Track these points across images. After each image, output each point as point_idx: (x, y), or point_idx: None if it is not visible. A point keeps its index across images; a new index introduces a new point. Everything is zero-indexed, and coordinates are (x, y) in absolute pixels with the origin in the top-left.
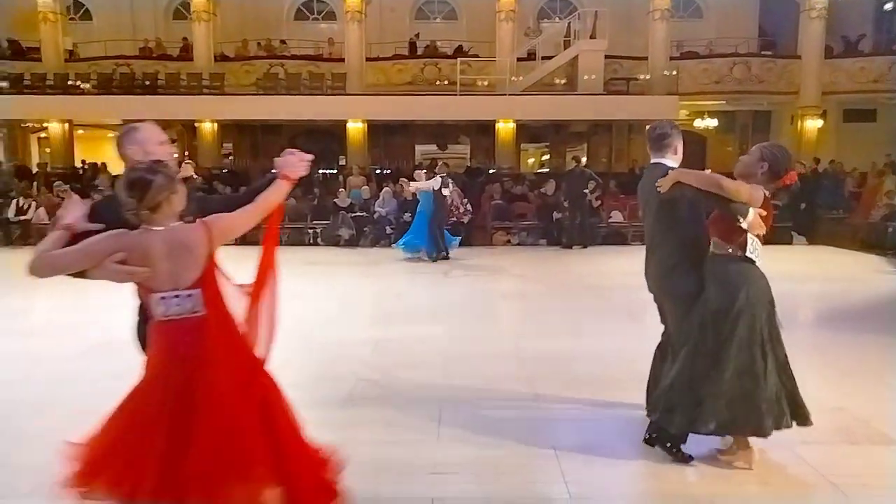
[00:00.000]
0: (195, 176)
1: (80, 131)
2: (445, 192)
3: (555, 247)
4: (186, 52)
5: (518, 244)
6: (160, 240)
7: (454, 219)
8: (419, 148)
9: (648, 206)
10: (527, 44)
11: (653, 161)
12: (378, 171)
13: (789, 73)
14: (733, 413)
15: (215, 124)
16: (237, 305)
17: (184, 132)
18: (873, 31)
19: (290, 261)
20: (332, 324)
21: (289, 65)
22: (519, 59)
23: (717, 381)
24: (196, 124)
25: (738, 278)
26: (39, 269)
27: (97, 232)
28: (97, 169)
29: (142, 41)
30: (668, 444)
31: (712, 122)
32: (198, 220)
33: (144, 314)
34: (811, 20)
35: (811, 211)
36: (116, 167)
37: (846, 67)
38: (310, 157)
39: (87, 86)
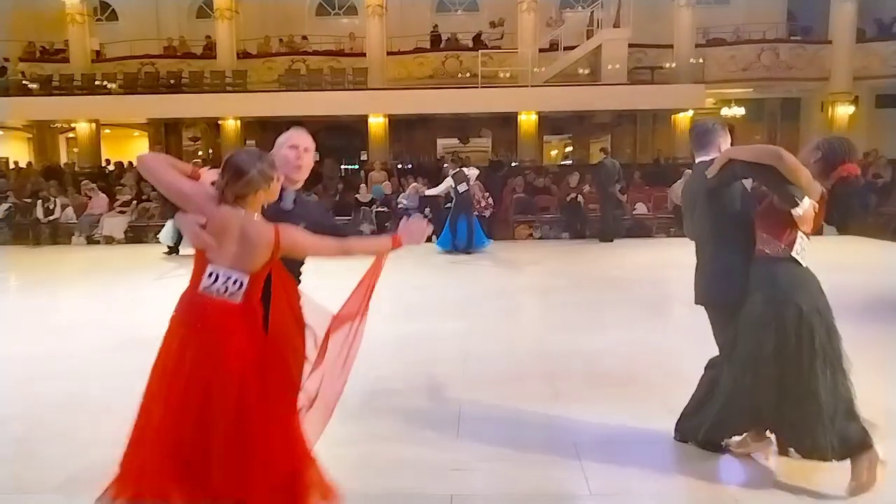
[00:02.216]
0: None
1: (107, 131)
2: (461, 188)
3: (578, 240)
4: (210, 50)
5: (541, 238)
6: (237, 222)
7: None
8: (441, 142)
9: (696, 207)
10: (549, 34)
11: (698, 160)
12: (399, 166)
13: (819, 59)
14: (783, 429)
15: (238, 121)
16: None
17: (207, 130)
18: None
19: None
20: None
21: (310, 60)
22: (541, 50)
23: (762, 394)
24: (219, 122)
25: (786, 285)
26: (148, 164)
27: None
28: (123, 168)
29: (166, 40)
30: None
31: (740, 111)
32: (274, 225)
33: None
34: (843, 3)
35: (843, 201)
36: None
37: (880, 51)
38: (430, 228)
39: (114, 86)
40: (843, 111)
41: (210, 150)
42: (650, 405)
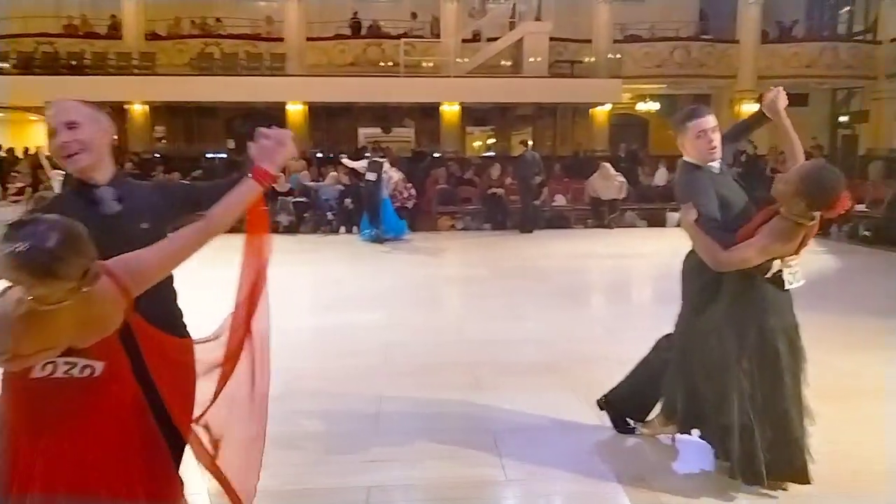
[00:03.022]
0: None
1: (0, 114)
2: (371, 176)
3: (499, 231)
4: (115, 30)
5: (463, 229)
6: (65, 317)
7: (398, 204)
8: (363, 131)
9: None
10: (472, 25)
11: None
12: (320, 156)
13: (728, 58)
14: (733, 442)
15: (147, 106)
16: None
17: (113, 115)
18: (805, 17)
19: (225, 248)
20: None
21: (225, 44)
22: (464, 41)
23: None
24: (126, 106)
25: (754, 304)
26: None
27: None
28: (16, 154)
29: (66, 18)
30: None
31: (654, 106)
32: (105, 275)
33: None
34: (748, 5)
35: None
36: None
37: (781, 52)
38: (289, 134)
39: (6, 65)
40: (749, 108)
41: (115, 137)
42: (566, 392)
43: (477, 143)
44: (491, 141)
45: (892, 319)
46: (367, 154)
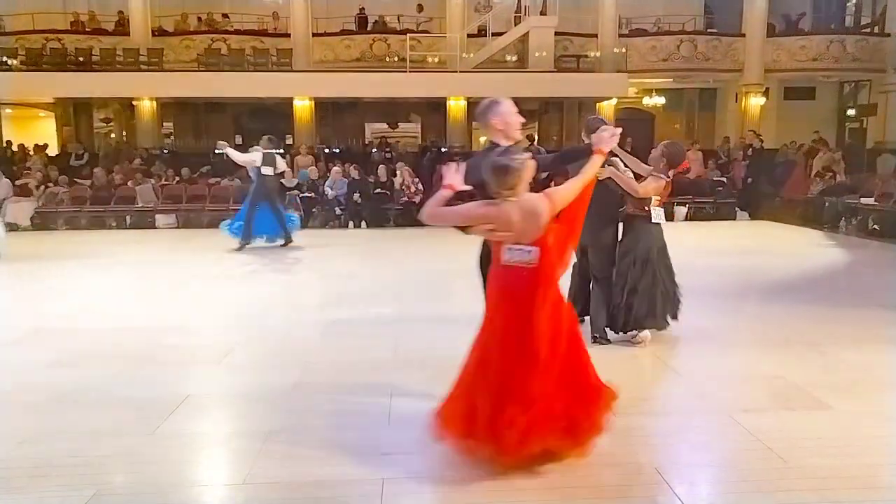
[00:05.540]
0: None
1: (8, 110)
2: (265, 170)
3: None
4: (122, 27)
5: None
6: (516, 208)
7: (405, 198)
8: (370, 126)
9: None
10: (477, 20)
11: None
12: (327, 151)
13: (734, 52)
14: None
15: (154, 102)
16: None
17: (121, 111)
18: (812, 10)
19: (234, 243)
20: (280, 308)
21: (232, 40)
22: (469, 36)
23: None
24: (134, 102)
25: (646, 234)
26: (431, 218)
27: (469, 193)
28: (27, 150)
29: (72, 14)
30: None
31: (660, 100)
32: (543, 192)
33: (488, 253)
34: None
35: (754, 187)
36: (53, 147)
37: (787, 46)
38: (618, 130)
39: (15, 62)
40: (756, 102)
41: (124, 133)
42: None
43: (483, 138)
44: None
45: None
46: (257, 146)
